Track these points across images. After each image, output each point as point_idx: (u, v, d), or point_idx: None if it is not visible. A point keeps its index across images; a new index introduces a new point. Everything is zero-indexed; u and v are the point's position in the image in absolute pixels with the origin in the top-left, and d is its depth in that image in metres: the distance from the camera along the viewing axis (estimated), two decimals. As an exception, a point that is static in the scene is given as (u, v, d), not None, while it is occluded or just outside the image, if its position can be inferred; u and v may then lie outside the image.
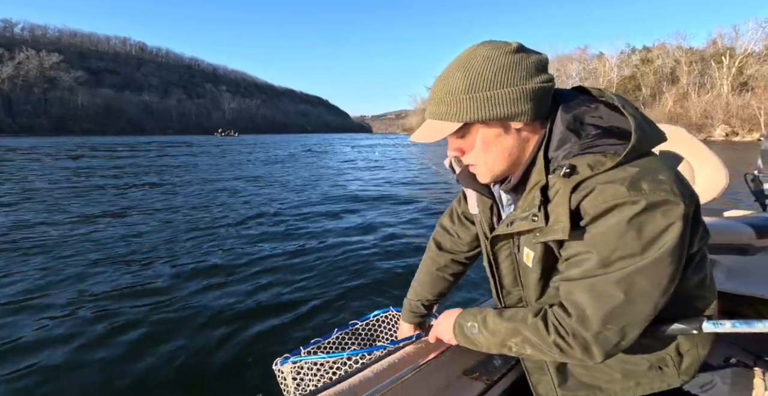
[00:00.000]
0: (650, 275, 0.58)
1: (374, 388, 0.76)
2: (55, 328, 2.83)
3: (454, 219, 1.01)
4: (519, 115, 0.62)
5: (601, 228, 0.58)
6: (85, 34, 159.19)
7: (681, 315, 0.72)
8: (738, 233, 1.38)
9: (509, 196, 0.75)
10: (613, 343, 0.63)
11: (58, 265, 4.05)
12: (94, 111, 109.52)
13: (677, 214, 0.56)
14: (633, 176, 0.57)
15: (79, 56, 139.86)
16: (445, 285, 1.03)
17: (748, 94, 47.17)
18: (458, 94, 0.62)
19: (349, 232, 5.29)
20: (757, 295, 1.30)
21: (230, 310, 3.01)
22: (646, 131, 0.60)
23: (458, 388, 0.91)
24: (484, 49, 0.63)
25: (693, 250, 0.66)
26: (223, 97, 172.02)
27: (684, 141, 1.65)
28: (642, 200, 0.56)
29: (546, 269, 0.70)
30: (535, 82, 0.62)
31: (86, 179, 10.96)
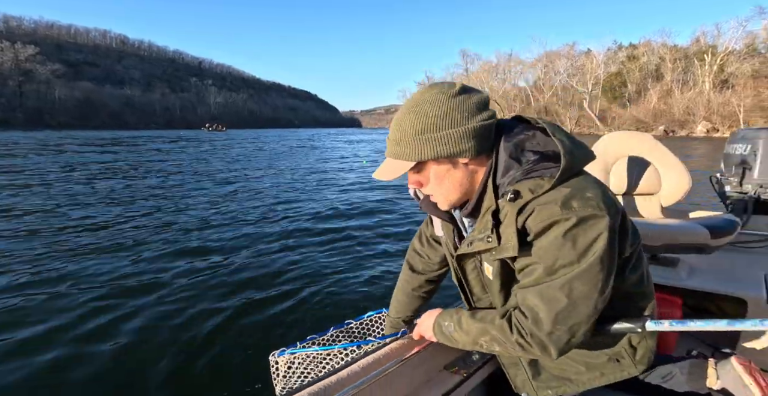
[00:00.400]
0: (587, 279, 0.68)
1: (361, 379, 0.82)
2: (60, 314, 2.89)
3: (423, 242, 1.11)
4: (464, 152, 0.72)
5: (544, 242, 0.68)
6: (63, 26, 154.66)
7: (626, 310, 0.82)
8: (695, 234, 1.47)
9: (469, 219, 0.84)
10: (565, 341, 0.72)
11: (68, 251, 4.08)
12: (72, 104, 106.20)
13: (603, 226, 0.67)
14: (565, 196, 0.68)
15: (57, 48, 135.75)
16: (421, 302, 1.14)
17: (729, 92, 48.09)
18: (410, 136, 0.72)
19: (352, 231, 5.30)
20: (714, 291, 1.44)
21: (231, 306, 3.03)
22: (574, 154, 0.71)
23: (439, 381, 0.98)
24: (431, 93, 0.73)
25: (626, 253, 0.77)
26: (208, 91, 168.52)
27: (652, 148, 1.78)
28: (573, 217, 0.66)
29: (505, 280, 0.80)
30: (476, 121, 0.71)
31: (70, 175, 10.48)
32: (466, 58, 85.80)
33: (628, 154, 1.82)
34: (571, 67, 66.96)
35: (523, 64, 76.21)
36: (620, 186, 1.85)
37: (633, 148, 1.81)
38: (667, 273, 1.58)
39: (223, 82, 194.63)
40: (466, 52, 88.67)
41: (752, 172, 2.01)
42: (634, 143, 1.82)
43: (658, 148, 1.78)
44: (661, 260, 1.66)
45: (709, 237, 1.47)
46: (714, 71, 51.97)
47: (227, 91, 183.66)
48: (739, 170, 2.06)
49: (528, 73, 75.71)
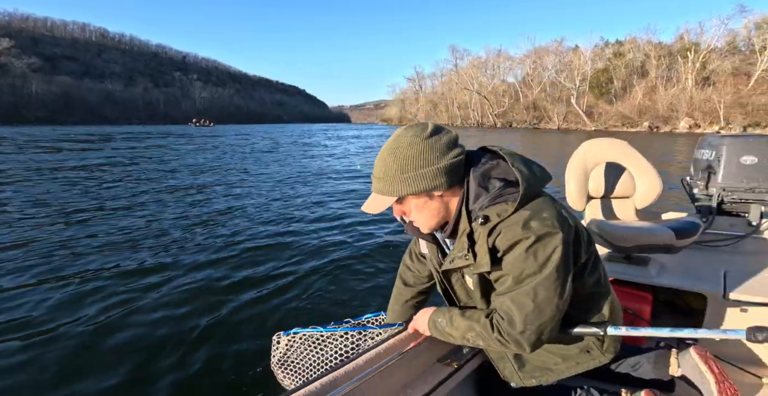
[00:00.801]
0: (547, 286, 0.82)
1: (365, 371, 0.92)
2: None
3: (413, 258, 1.25)
4: (438, 186, 0.85)
5: (510, 258, 0.83)
6: (39, 19, 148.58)
7: (588, 307, 0.98)
8: (662, 235, 1.59)
9: (449, 239, 0.98)
10: (535, 338, 0.86)
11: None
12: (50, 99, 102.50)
13: (558, 241, 0.81)
14: (525, 219, 0.81)
15: (32, 42, 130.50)
16: (414, 311, 1.25)
17: (710, 89, 49.07)
18: (391, 175, 0.85)
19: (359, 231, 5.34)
20: (680, 287, 1.58)
21: (236, 299, 3.16)
22: (530, 181, 0.83)
23: (433, 372, 1.09)
24: (407, 136, 0.85)
25: (582, 259, 0.91)
26: (193, 86, 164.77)
27: (627, 154, 1.91)
28: (532, 236, 0.80)
29: (484, 289, 0.94)
30: (447, 159, 0.84)
31: (53, 173, 10.05)
32: (455, 54, 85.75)
33: (606, 160, 1.93)
34: (559, 63, 67.48)
35: (512, 59, 76.63)
36: (598, 190, 1.95)
37: (610, 155, 1.93)
38: (639, 271, 1.67)
39: (209, 77, 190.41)
40: (456, 48, 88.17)
41: (716, 177, 2.13)
42: (611, 150, 1.93)
43: (632, 155, 1.91)
44: (633, 260, 1.75)
45: (675, 238, 1.58)
46: (696, 68, 52.89)
47: (213, 85, 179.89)
48: (705, 174, 2.18)
49: (517, 69, 76.15)
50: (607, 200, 1.99)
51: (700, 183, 2.22)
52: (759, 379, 1.26)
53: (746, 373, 1.28)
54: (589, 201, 1.99)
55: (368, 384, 0.92)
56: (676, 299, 1.81)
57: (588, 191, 1.94)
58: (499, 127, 67.57)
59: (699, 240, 1.98)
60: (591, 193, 1.96)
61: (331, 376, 0.89)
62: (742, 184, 2.07)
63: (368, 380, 0.92)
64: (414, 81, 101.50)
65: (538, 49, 71.95)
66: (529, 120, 66.29)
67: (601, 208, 1.97)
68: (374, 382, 0.94)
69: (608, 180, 1.94)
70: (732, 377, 1.07)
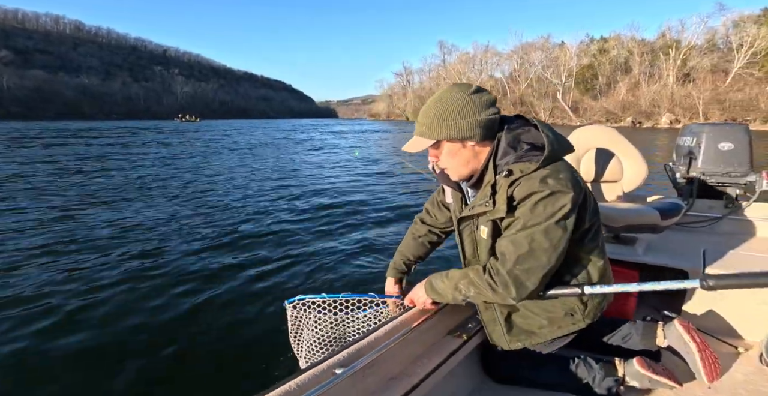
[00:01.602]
0: (546, 235, 0.91)
1: (384, 343, 1.01)
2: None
3: (434, 204, 1.35)
4: (472, 137, 0.96)
5: (524, 207, 0.92)
6: (9, 10, 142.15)
7: (579, 273, 1.06)
8: (647, 216, 1.70)
9: (472, 190, 1.08)
10: (522, 280, 0.93)
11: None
12: (23, 93, 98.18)
13: (568, 200, 0.91)
14: (544, 175, 0.91)
15: (3, 34, 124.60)
16: (423, 250, 1.37)
17: (690, 85, 50.47)
18: (433, 121, 0.96)
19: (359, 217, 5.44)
20: (664, 265, 1.68)
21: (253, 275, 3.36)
22: (555, 146, 0.94)
23: (444, 343, 1.18)
24: (454, 90, 0.97)
25: (586, 225, 1.00)
26: (175, 81, 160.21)
27: (616, 141, 2.03)
28: (547, 190, 0.90)
29: (495, 240, 1.01)
30: (485, 115, 0.95)
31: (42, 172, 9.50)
32: (443, 49, 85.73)
33: (596, 145, 2.02)
34: (545, 59, 68.13)
35: (499, 55, 76.94)
36: (589, 174, 2.05)
37: (600, 141, 2.03)
38: (626, 250, 1.77)
39: (191, 71, 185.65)
40: (444, 43, 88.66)
41: (697, 162, 2.26)
42: (601, 136, 2.04)
43: (621, 141, 2.02)
44: (621, 239, 1.84)
45: (659, 218, 1.69)
46: (677, 65, 54.16)
47: (196, 80, 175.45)
48: (687, 160, 2.30)
49: (504, 65, 76.56)
50: (597, 184, 2.08)
51: (681, 168, 2.36)
52: (735, 348, 1.41)
53: (723, 343, 1.41)
54: None
55: (387, 355, 1.00)
56: (660, 277, 1.85)
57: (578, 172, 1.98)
58: (486, 123, 67.83)
59: (681, 221, 2.11)
60: (582, 177, 1.94)
61: (356, 347, 0.97)
62: (720, 169, 2.21)
63: (387, 351, 1.00)
64: (402, 76, 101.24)
65: (525, 45, 72.58)
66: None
67: (591, 192, 1.96)
68: (392, 353, 1.02)
69: (598, 165, 2.03)
70: (712, 346, 1.18)
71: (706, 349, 1.15)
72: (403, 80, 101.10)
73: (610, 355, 1.19)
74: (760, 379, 1.24)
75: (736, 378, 1.25)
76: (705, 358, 1.13)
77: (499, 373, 1.24)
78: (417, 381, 1.01)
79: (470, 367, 1.27)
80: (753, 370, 1.28)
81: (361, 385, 0.93)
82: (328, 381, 0.84)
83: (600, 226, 1.07)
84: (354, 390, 0.91)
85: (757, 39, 47.46)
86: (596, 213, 1.04)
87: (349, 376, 0.88)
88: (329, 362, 0.90)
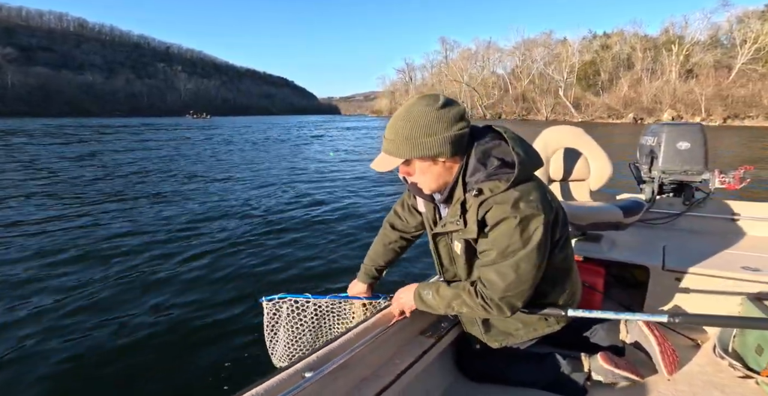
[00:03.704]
0: (528, 260, 0.94)
1: (356, 344, 1.01)
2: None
3: (404, 207, 1.32)
4: (442, 154, 0.94)
5: (497, 232, 0.93)
6: (13, 8, 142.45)
7: (555, 280, 1.10)
8: (611, 214, 1.76)
9: (442, 204, 1.09)
10: (514, 303, 0.98)
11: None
12: (27, 91, 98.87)
13: (540, 222, 0.92)
14: (515, 199, 0.91)
15: (6, 32, 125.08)
16: (393, 256, 1.36)
17: (693, 81, 50.04)
18: (402, 138, 0.93)
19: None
20: (627, 261, 1.73)
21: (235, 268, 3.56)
22: (526, 165, 0.93)
23: (417, 343, 1.20)
24: (421, 104, 0.94)
25: (557, 237, 1.03)
26: (178, 78, 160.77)
27: (583, 141, 2.08)
28: (519, 215, 0.90)
29: (469, 256, 1.05)
30: (454, 130, 0.92)
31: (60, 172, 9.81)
32: (445, 46, 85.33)
33: (564, 145, 2.09)
34: (547, 56, 67.79)
35: (501, 51, 76.58)
36: (557, 173, 2.10)
37: (568, 141, 2.09)
38: (593, 247, 1.83)
39: (194, 68, 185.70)
40: (446, 40, 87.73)
41: (658, 161, 2.31)
42: (569, 136, 2.09)
43: (588, 141, 2.08)
44: (588, 236, 1.91)
45: (622, 216, 1.75)
46: (680, 61, 53.83)
47: (199, 77, 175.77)
48: (649, 159, 2.37)
49: (506, 61, 76.25)
50: (566, 183, 2.15)
51: (644, 167, 2.42)
52: (692, 340, 1.48)
53: (683, 336, 1.49)
54: (551, 184, 2.14)
55: (358, 356, 1.00)
56: (625, 273, 1.97)
57: (549, 174, 2.10)
58: (488, 118, 67.90)
59: (643, 218, 2.18)
60: (551, 176, 2.11)
61: (326, 349, 0.97)
62: (678, 167, 2.27)
63: (358, 353, 1.00)
64: (404, 72, 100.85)
65: (528, 41, 72.23)
66: (517, 111, 66.70)
67: (560, 190, 2.14)
68: (363, 354, 1.02)
69: (566, 164, 2.09)
70: (671, 340, 1.25)
71: (665, 343, 1.21)
72: (405, 76, 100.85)
73: (578, 351, 1.24)
74: (713, 370, 1.31)
75: (692, 369, 1.32)
76: (664, 351, 1.20)
77: (473, 371, 1.29)
78: (388, 381, 1.01)
79: (444, 366, 1.30)
80: (708, 361, 1.36)
81: (331, 388, 0.93)
82: (296, 385, 0.82)
83: (568, 235, 1.09)
84: (323, 393, 0.91)
85: (761, 35, 47.09)
86: (565, 224, 1.06)
87: (319, 380, 0.87)
88: (298, 366, 0.89)
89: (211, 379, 2.08)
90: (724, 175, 2.19)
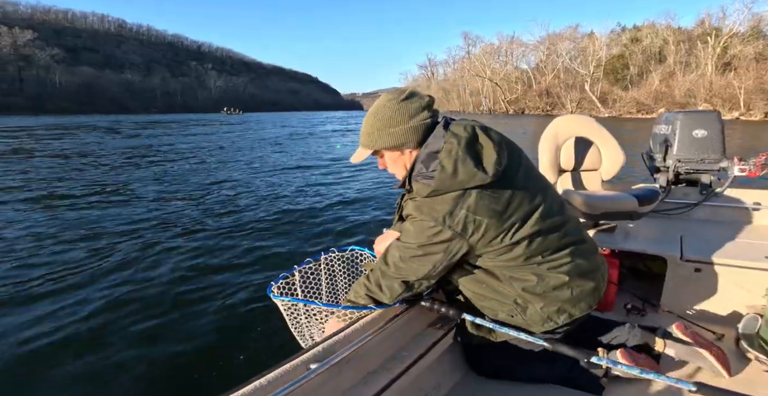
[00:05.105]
0: (405, 251, 1.01)
1: (363, 335, 1.00)
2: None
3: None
4: (407, 143, 1.01)
5: (405, 225, 1.04)
6: (60, 11, 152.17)
7: (505, 278, 1.06)
8: (625, 202, 1.70)
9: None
10: (392, 281, 1.05)
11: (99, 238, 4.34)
12: (73, 90, 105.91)
13: (431, 231, 0.97)
14: (424, 205, 0.98)
15: (55, 33, 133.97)
16: None
17: (731, 74, 47.18)
18: (370, 131, 1.02)
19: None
20: (643, 251, 1.66)
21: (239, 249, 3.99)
22: (443, 182, 0.94)
23: (426, 335, 1.18)
24: (386, 98, 1.03)
25: (477, 251, 1.02)
26: (208, 76, 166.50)
27: (595, 130, 2.04)
28: (418, 217, 0.98)
29: None
30: (415, 121, 0.99)
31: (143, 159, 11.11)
32: (468, 41, 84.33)
33: (575, 135, 2.08)
34: (573, 50, 65.95)
35: (525, 46, 74.99)
36: (569, 163, 2.09)
37: (579, 130, 2.08)
38: (606, 238, 1.81)
39: (223, 66, 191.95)
40: (469, 35, 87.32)
41: (672, 149, 2.26)
42: (580, 126, 2.09)
43: (599, 130, 2.07)
44: (601, 227, 1.89)
45: (637, 205, 1.71)
46: (717, 53, 51.09)
47: (228, 75, 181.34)
48: (663, 148, 2.31)
49: (530, 55, 74.65)
50: (577, 173, 2.13)
51: (657, 156, 2.35)
52: (713, 333, 1.43)
53: (703, 329, 1.44)
54: (562, 174, 2.13)
55: (364, 349, 0.98)
56: (639, 265, 1.93)
57: (559, 164, 2.09)
58: (511, 114, 67.02)
59: (658, 209, 2.15)
60: (562, 166, 2.10)
61: (332, 341, 0.95)
62: (694, 156, 2.20)
63: (365, 345, 0.98)
64: (426, 68, 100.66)
65: (552, 35, 70.40)
66: (542, 106, 65.34)
67: (571, 180, 2.14)
68: (370, 346, 1.01)
69: (578, 154, 2.07)
70: (694, 334, 1.20)
71: (711, 346, 1.17)
72: (428, 72, 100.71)
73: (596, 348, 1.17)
74: (737, 364, 1.24)
75: None
76: (715, 356, 1.15)
77: (483, 367, 1.26)
78: (396, 374, 1.00)
79: (454, 359, 1.27)
80: (732, 355, 1.29)
81: (336, 380, 0.92)
82: (302, 377, 0.81)
83: (531, 242, 1.01)
84: (329, 385, 0.90)
85: (807, 24, 43.96)
86: (499, 235, 0.99)
87: (324, 371, 0.86)
88: (303, 357, 0.88)
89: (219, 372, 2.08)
90: (744, 162, 2.09)
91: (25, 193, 6.62)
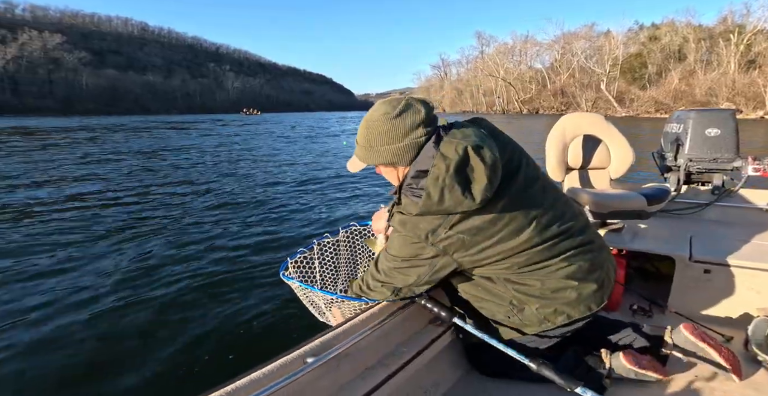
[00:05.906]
0: (391, 261, 1.06)
1: (362, 330, 1.01)
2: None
3: None
4: (399, 161, 1.00)
5: (392, 236, 1.08)
6: (87, 15, 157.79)
7: (495, 287, 1.08)
8: (634, 201, 1.70)
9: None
10: (381, 287, 1.10)
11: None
12: (99, 91, 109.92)
13: (411, 247, 1.01)
14: (408, 221, 0.99)
15: (82, 37, 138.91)
16: None
17: (755, 72, 45.93)
18: (363, 145, 1.03)
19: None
20: (651, 251, 1.64)
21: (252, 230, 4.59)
22: (431, 208, 0.92)
23: (426, 331, 1.18)
24: (380, 112, 0.99)
25: (465, 266, 1.04)
26: (226, 77, 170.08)
27: (603, 128, 2.04)
28: (402, 231, 1.01)
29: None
30: (408, 139, 0.96)
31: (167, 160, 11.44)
32: (481, 40, 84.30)
33: (583, 133, 2.06)
34: (589, 49, 65.17)
35: (539, 45, 74.49)
36: (576, 161, 2.07)
37: (587, 128, 2.06)
38: (613, 237, 1.78)
39: (240, 68, 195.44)
40: (482, 34, 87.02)
41: (684, 148, 2.23)
42: (588, 123, 2.07)
43: (608, 128, 2.05)
44: (609, 226, 1.87)
45: (646, 204, 1.69)
46: (740, 51, 49.84)
47: (245, 76, 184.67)
48: (674, 146, 2.28)
49: (545, 55, 74.12)
50: (585, 171, 2.10)
51: (669, 155, 2.31)
52: (722, 336, 1.39)
53: (711, 330, 1.39)
54: (569, 172, 2.12)
55: (363, 343, 0.99)
56: (647, 265, 1.89)
57: (567, 162, 2.07)
58: (525, 114, 66.71)
59: (668, 208, 2.13)
60: (570, 164, 2.09)
61: (330, 335, 0.95)
62: (707, 155, 2.16)
63: (363, 340, 0.99)
64: (439, 68, 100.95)
65: (567, 34, 69.82)
66: (556, 106, 64.84)
67: (579, 178, 2.12)
68: (369, 341, 1.01)
69: (585, 152, 2.05)
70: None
71: (721, 348, 1.14)
72: (441, 72, 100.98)
73: (600, 349, 1.17)
74: (746, 367, 1.21)
75: None
76: (725, 357, 1.12)
77: (484, 366, 1.26)
78: (394, 370, 0.99)
79: (454, 357, 1.26)
80: (740, 357, 1.24)
81: (333, 375, 0.91)
82: (298, 370, 0.81)
83: (528, 251, 1.00)
84: (326, 379, 0.89)
85: (835, 20, 42.48)
86: (482, 251, 0.99)
87: (321, 365, 0.85)
88: (301, 350, 0.87)
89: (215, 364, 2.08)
90: (759, 161, 2.06)
91: (97, 186, 7.30)
